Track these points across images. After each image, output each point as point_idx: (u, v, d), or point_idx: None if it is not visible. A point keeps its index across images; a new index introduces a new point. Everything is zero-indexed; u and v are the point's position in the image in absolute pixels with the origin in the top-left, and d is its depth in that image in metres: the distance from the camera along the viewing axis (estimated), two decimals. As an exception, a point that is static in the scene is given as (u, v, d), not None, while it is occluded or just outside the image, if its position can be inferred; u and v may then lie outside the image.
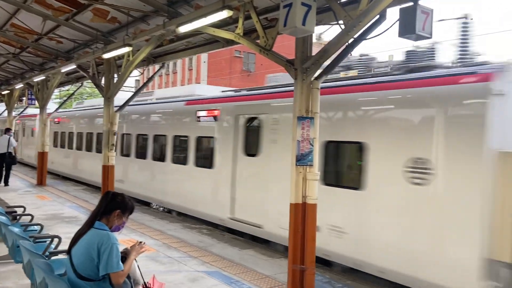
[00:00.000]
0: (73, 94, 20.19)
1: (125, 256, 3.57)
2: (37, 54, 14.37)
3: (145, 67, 12.17)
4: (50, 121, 20.25)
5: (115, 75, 11.50)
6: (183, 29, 7.28)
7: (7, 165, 15.39)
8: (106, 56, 10.33)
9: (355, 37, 5.24)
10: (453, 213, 5.62)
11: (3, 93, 22.08)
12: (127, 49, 9.42)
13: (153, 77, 13.14)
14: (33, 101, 20.82)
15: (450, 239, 5.64)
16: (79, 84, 17.98)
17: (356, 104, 7.07)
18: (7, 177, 15.47)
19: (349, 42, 5.36)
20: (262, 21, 6.43)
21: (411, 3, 4.68)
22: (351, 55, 6.19)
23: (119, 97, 11.78)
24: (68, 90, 23.15)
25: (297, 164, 5.76)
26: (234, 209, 9.21)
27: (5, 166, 15.36)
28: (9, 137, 15.34)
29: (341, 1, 5.87)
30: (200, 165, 10.44)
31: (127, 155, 13.78)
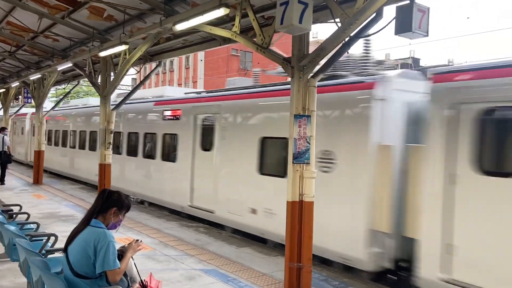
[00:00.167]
0: (69, 92, 20.14)
1: (121, 254, 3.57)
2: (33, 52, 14.31)
3: (142, 65, 12.15)
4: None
5: (112, 74, 11.47)
6: (180, 27, 7.26)
7: (3, 163, 15.39)
8: (102, 54, 10.29)
9: (351, 35, 5.24)
10: (347, 194, 6.93)
11: (-1, 91, 21.98)
12: (123, 47, 9.39)
13: (149, 75, 13.13)
14: (29, 100, 20.75)
15: (345, 215, 6.91)
16: (76, 82, 17.92)
17: (283, 106, 7.75)
18: (3, 176, 15.45)
19: (345, 40, 5.37)
20: (259, 19, 6.42)
21: (408, 1, 4.69)
22: (348, 53, 6.20)
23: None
24: (64, 88, 23.09)
25: (294, 162, 5.76)
26: (192, 197, 10.44)
27: (0, 164, 15.36)
28: (3, 136, 15.39)
29: (338, -1, 5.88)
30: (165, 159, 11.61)
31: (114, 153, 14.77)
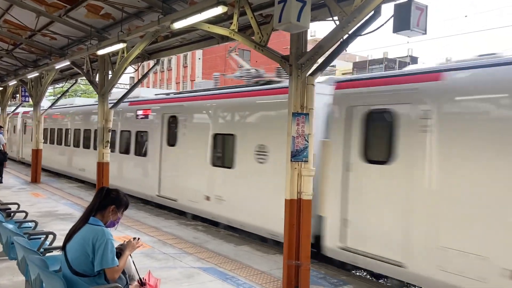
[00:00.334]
0: (67, 91, 20.08)
1: (120, 252, 3.57)
2: (31, 50, 14.27)
3: (140, 64, 12.13)
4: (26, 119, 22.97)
5: (110, 72, 11.45)
6: (178, 25, 7.25)
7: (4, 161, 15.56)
8: (100, 52, 10.27)
9: (349, 33, 5.25)
10: (274, 180, 8.01)
11: (-4, 89, 21.92)
12: (121, 46, 9.37)
13: (147, 73, 13.11)
14: (27, 98, 20.70)
15: (275, 199, 7.78)
16: (73, 81, 17.88)
17: (229, 107, 9.61)
18: (0, 174, 15.48)
19: (343, 38, 5.37)
20: (257, 17, 6.41)
21: (406, -1, 4.69)
22: (346, 51, 6.21)
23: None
24: (62, 87, 23.04)
25: (292, 160, 5.77)
26: (160, 188, 11.71)
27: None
28: None
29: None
30: (137, 154, 12.84)
31: (88, 147, 16.26)
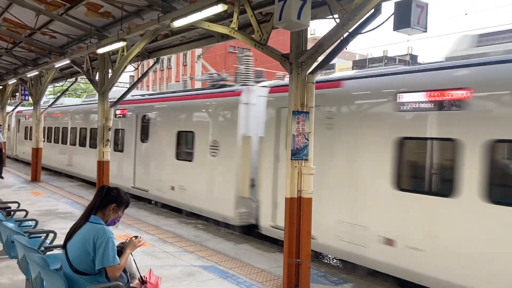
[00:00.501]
0: (67, 89, 20.06)
1: (121, 250, 3.57)
2: (30, 49, 14.25)
3: (140, 62, 12.12)
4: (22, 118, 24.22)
5: (110, 71, 11.44)
6: (178, 24, 7.23)
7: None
8: (100, 51, 10.26)
9: (350, 31, 5.24)
10: (225, 172, 9.51)
11: (-4, 88, 21.90)
12: (121, 44, 9.36)
13: (147, 72, 13.10)
14: (27, 97, 20.69)
15: (224, 187, 9.48)
16: (73, 79, 17.86)
17: (190, 107, 11.12)
18: (0, 171, 15.72)
19: (344, 36, 5.36)
20: (257, 15, 6.41)
21: (406, -3, 4.68)
22: (346, 49, 6.20)
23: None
24: (62, 86, 23.01)
25: (293, 158, 5.76)
26: (135, 180, 13.05)
27: None
28: None
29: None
30: (116, 150, 13.97)
31: (74, 144, 17.83)
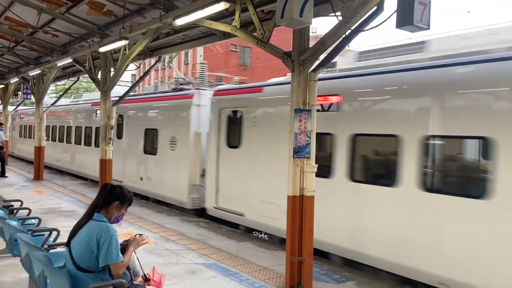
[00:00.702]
0: (69, 88, 20.09)
1: (124, 248, 3.58)
2: (32, 48, 14.27)
3: (142, 61, 12.13)
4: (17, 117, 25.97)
5: (112, 69, 11.45)
6: (180, 22, 7.24)
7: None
8: (102, 49, 10.27)
9: (352, 28, 5.23)
10: (181, 163, 11.07)
11: (-2, 87, 21.94)
12: (123, 43, 9.37)
13: (149, 71, 13.11)
14: (29, 96, 20.72)
15: (180, 177, 11.08)
16: (75, 78, 17.88)
17: (154, 108, 12.80)
18: (3, 169, 16.03)
19: (346, 33, 5.35)
20: (258, 13, 6.40)
21: (409, -6, 4.66)
22: (349, 47, 6.19)
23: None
24: (64, 84, 23.03)
25: (295, 156, 5.75)
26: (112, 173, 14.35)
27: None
28: None
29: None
30: (97, 146, 14.79)
31: (62, 141, 19.41)
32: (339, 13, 5.30)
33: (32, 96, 18.80)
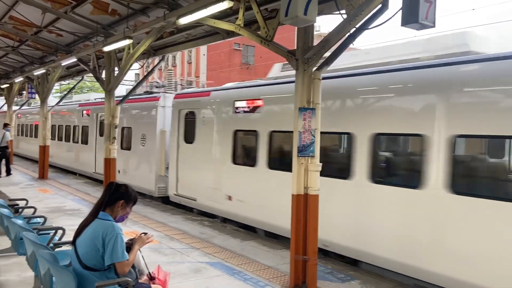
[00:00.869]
0: (73, 87, 20.15)
1: (129, 246, 3.59)
2: (37, 47, 14.31)
3: (146, 60, 12.16)
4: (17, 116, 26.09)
5: (116, 68, 11.47)
6: (184, 21, 7.24)
7: (3, 157, 16.23)
8: (106, 49, 10.29)
9: (357, 26, 5.20)
10: (150, 157, 12.59)
11: (2, 87, 22.00)
12: (127, 42, 9.38)
13: (153, 70, 13.15)
14: (33, 95, 20.81)
15: (148, 169, 12.62)
16: (80, 77, 17.94)
17: (130, 108, 13.91)
18: (8, 168, 16.24)
19: (351, 32, 5.33)
20: (262, 12, 6.39)
21: (414, -8, 4.63)
22: (353, 45, 6.16)
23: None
24: (68, 84, 23.11)
25: (299, 155, 5.74)
26: (95, 167, 16.06)
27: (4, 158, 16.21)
28: (4, 132, 16.04)
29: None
30: (83, 143, 17.38)
31: (53, 138, 20.51)
32: (343, 11, 5.27)
33: (36, 95, 18.87)
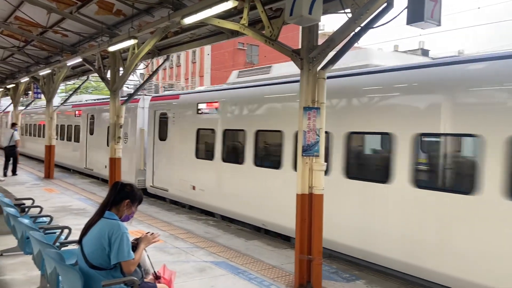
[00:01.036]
0: (79, 87, 20.25)
1: (134, 245, 3.60)
2: (42, 47, 14.39)
3: (150, 60, 12.20)
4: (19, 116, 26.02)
5: (121, 68, 11.51)
6: (188, 21, 7.25)
7: (12, 157, 16.30)
8: (111, 49, 10.33)
9: (362, 25, 5.19)
10: (132, 153, 13.71)
11: (8, 87, 22.14)
12: (132, 42, 9.41)
13: (157, 70, 13.21)
14: (39, 95, 20.94)
15: (130, 163, 13.70)
16: (85, 77, 18.02)
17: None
18: (14, 168, 16.36)
19: (356, 31, 5.32)
20: (267, 11, 6.39)
21: (419, -10, 4.61)
22: (358, 43, 6.15)
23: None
24: (74, 84, 23.22)
25: (303, 154, 5.73)
26: (86, 163, 17.54)
27: (12, 158, 16.29)
28: (13, 132, 16.08)
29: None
30: (75, 141, 18.88)
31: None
32: (348, 10, 5.26)
33: (42, 95, 18.99)
